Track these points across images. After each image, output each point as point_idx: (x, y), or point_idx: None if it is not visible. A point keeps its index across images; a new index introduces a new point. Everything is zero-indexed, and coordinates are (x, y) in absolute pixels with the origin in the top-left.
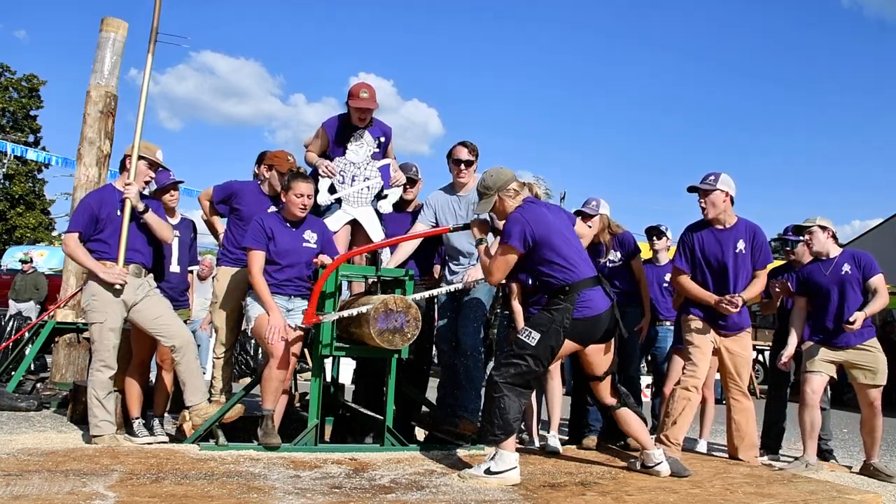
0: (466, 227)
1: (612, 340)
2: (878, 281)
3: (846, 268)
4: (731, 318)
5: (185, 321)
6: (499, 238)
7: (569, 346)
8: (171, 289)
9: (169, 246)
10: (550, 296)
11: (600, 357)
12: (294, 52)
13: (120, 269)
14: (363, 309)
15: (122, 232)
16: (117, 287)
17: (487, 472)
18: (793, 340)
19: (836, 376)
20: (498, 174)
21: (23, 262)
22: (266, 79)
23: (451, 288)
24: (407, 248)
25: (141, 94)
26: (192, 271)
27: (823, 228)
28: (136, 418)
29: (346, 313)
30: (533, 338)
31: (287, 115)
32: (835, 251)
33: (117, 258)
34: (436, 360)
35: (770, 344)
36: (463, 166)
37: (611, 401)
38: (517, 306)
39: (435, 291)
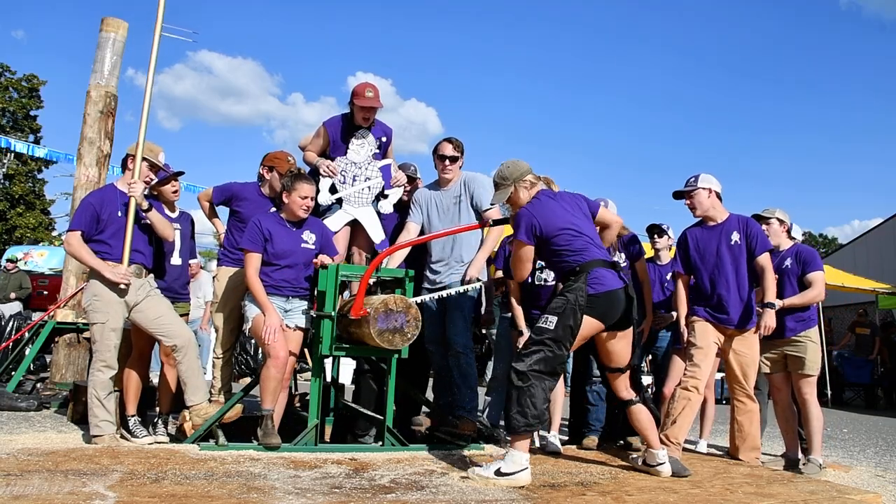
0: (506, 221)
1: (632, 331)
2: (815, 276)
3: (788, 262)
4: (735, 313)
5: (184, 315)
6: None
7: (590, 324)
8: (173, 281)
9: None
10: (563, 279)
11: (620, 346)
12: (292, 51)
13: (125, 269)
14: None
15: (125, 232)
16: (122, 287)
17: (498, 472)
18: None
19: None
20: (515, 166)
21: (9, 261)
22: (264, 78)
23: (462, 289)
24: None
25: (145, 92)
26: (191, 265)
27: (781, 221)
28: (132, 416)
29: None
30: (550, 322)
31: (285, 115)
32: (785, 245)
33: (119, 258)
34: None
35: None
36: (448, 162)
37: (628, 395)
38: (517, 305)
39: (439, 294)
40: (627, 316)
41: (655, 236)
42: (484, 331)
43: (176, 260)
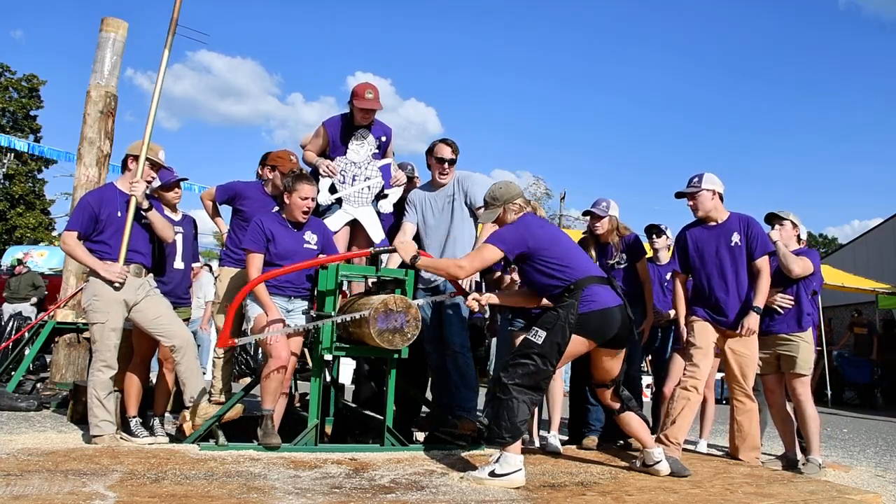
0: (393, 250)
1: (625, 351)
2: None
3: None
4: (734, 316)
5: (185, 319)
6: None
7: (578, 343)
8: (176, 286)
9: (173, 243)
10: (558, 298)
11: (612, 363)
12: (292, 50)
13: (121, 268)
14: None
15: (124, 231)
16: (116, 285)
17: (492, 474)
18: None
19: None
20: (507, 187)
21: (14, 265)
22: (264, 77)
23: (446, 296)
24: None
25: (154, 91)
26: (194, 268)
27: (794, 225)
28: (133, 417)
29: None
30: (539, 336)
31: (285, 115)
32: (792, 247)
33: (118, 259)
34: None
35: None
36: (447, 165)
37: (614, 405)
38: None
39: (435, 298)
40: (623, 336)
41: (654, 236)
42: (486, 331)
43: (178, 264)
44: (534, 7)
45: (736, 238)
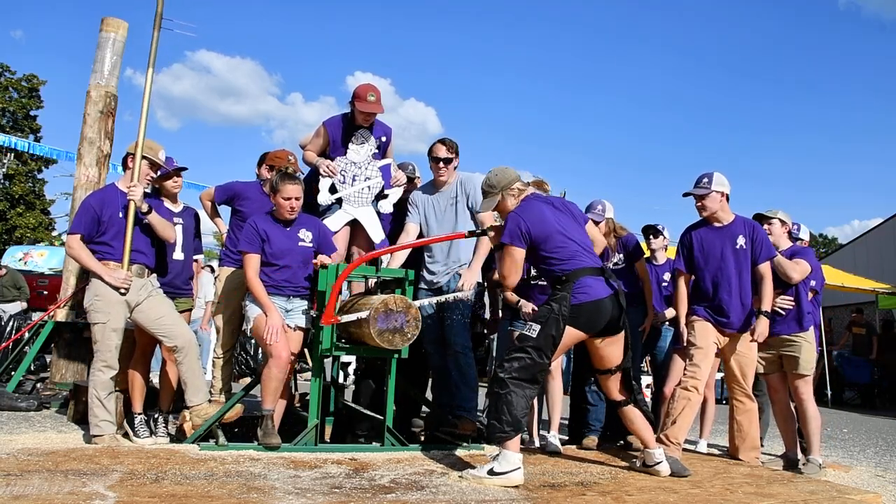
0: (483, 233)
1: (624, 335)
2: (803, 261)
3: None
4: (735, 318)
5: (188, 310)
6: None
7: (572, 334)
8: (175, 276)
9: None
10: (551, 286)
11: (610, 350)
12: (292, 50)
13: (125, 274)
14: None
15: (126, 234)
16: (122, 291)
17: (491, 472)
18: None
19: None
20: (503, 173)
21: None
22: (263, 77)
23: (452, 296)
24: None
25: (145, 89)
26: (197, 260)
27: (782, 223)
28: (139, 413)
29: (356, 316)
30: (534, 329)
31: (284, 115)
32: (784, 245)
33: (120, 260)
34: None
35: None
36: (442, 164)
37: (619, 396)
38: (511, 296)
39: (437, 298)
40: (616, 323)
41: (651, 237)
42: (486, 330)
43: (178, 255)
44: (534, 7)
45: (741, 241)
